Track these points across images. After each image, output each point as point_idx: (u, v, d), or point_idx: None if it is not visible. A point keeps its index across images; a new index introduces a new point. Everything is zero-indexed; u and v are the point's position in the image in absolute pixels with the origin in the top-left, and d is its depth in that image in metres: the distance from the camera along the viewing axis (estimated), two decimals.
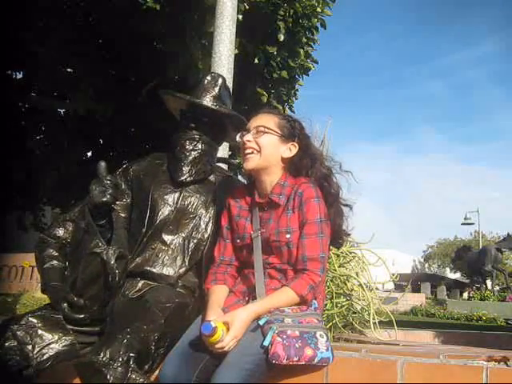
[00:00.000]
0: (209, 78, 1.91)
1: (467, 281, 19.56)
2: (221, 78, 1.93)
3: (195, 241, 1.78)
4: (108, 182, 1.57)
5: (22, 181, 6.75)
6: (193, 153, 1.82)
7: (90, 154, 7.54)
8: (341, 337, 2.52)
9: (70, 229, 1.82)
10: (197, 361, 1.41)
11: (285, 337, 1.34)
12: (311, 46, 6.42)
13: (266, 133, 1.61)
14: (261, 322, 1.40)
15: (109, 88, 5.95)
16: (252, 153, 1.60)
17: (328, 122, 2.65)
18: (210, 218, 1.81)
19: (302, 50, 6.06)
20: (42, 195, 7.50)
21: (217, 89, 1.87)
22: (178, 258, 1.75)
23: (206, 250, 1.77)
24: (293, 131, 1.66)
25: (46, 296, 1.72)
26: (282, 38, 5.56)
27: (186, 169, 1.81)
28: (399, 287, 10.84)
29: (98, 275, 1.55)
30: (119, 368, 1.31)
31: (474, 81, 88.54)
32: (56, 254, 1.79)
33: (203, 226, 1.80)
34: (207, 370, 1.38)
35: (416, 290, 16.61)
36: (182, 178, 1.81)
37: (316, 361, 1.36)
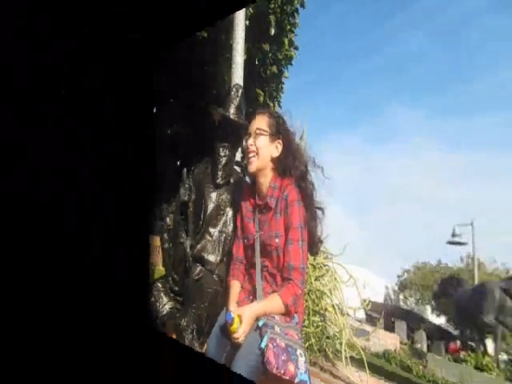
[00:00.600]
0: (236, 90, 2.18)
1: (455, 332, 12.72)
2: (241, 88, 2.22)
3: (224, 235, 2.07)
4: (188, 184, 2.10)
5: None
6: (224, 158, 2.15)
7: None
8: (316, 362, 2.63)
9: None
10: (224, 346, 1.57)
11: (275, 345, 1.42)
12: (293, 32, 5.94)
13: (261, 135, 1.67)
14: (259, 324, 1.49)
15: None
16: (253, 156, 1.67)
17: (306, 113, 2.83)
18: (232, 215, 2.08)
19: (286, 39, 5.75)
20: None
21: (238, 99, 2.15)
22: (217, 248, 2.07)
23: (230, 244, 2.03)
24: (278, 127, 1.70)
25: None
26: (272, 31, 5.39)
27: (220, 173, 2.15)
28: (370, 319, 10.16)
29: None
30: (190, 335, 1.82)
31: None
32: None
33: (229, 222, 2.08)
34: (229, 355, 1.53)
35: (389, 327, 14.34)
36: (218, 181, 2.15)
37: (296, 381, 1.41)
